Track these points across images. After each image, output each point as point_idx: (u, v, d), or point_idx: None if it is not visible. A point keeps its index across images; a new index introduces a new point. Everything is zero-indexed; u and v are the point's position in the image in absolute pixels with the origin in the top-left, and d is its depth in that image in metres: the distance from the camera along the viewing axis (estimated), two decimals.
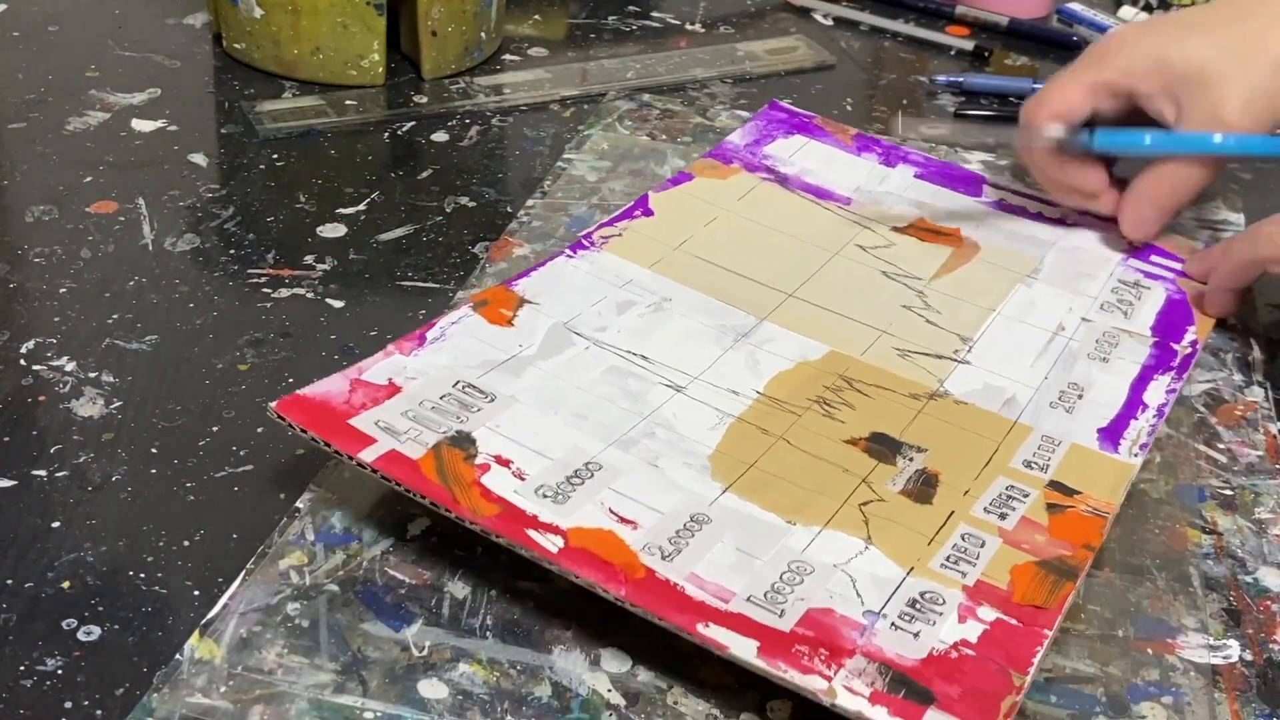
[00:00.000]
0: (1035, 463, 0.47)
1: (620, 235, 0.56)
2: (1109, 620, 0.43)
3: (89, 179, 0.62)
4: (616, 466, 0.44)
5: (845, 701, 0.37)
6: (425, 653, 0.40)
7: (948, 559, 0.43)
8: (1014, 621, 0.41)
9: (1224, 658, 0.42)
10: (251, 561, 0.42)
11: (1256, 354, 0.56)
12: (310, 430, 0.43)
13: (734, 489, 0.45)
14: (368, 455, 0.42)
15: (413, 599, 0.42)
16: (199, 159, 0.64)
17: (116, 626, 0.40)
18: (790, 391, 0.49)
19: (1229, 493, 0.49)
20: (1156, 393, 0.52)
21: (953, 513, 0.45)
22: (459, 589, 0.42)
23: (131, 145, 0.65)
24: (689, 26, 0.83)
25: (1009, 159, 0.68)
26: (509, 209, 0.62)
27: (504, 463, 0.43)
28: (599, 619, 0.41)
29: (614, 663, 0.40)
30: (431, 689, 0.39)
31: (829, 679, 0.38)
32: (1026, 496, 0.46)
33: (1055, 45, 0.85)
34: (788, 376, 0.50)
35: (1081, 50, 0.83)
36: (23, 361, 0.50)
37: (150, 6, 0.79)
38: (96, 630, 0.40)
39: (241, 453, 0.47)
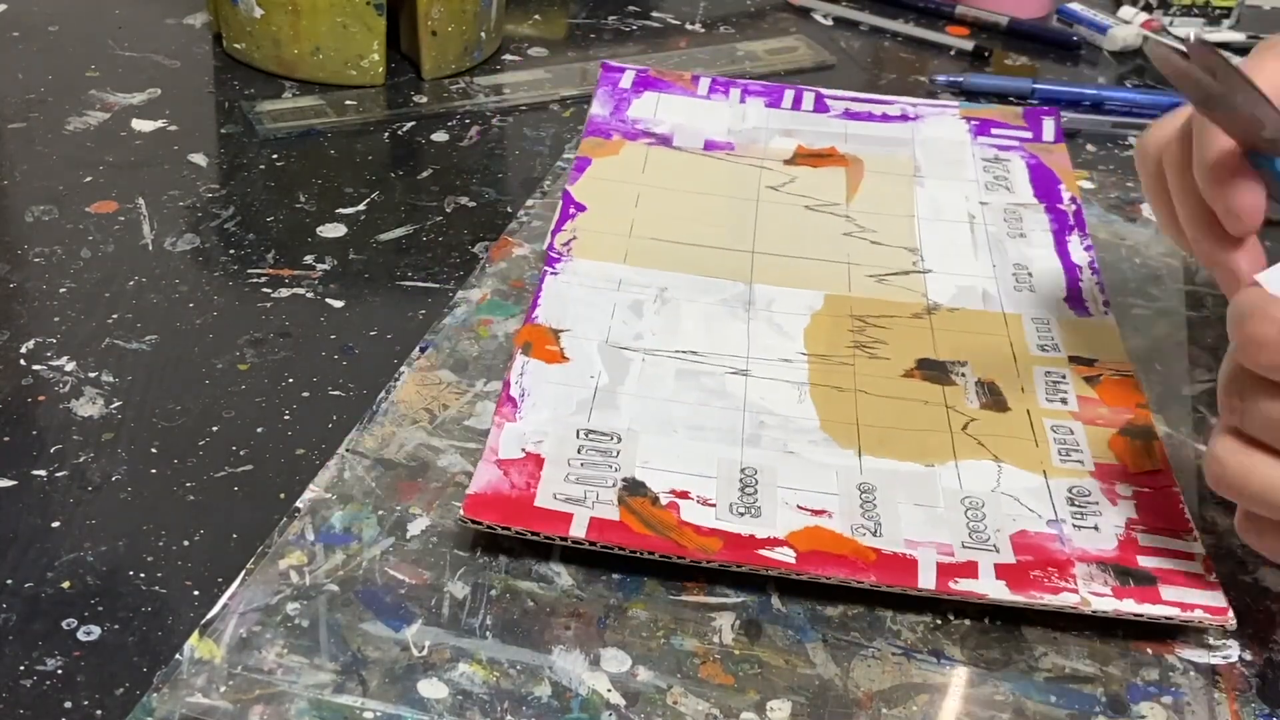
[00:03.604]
0: (1046, 345, 0.54)
1: (576, 238, 0.58)
2: (1109, 620, 0.43)
3: (89, 179, 0.62)
4: (767, 465, 0.47)
5: (1101, 605, 0.42)
6: (425, 652, 0.40)
7: (1060, 453, 0.48)
8: (1147, 490, 0.46)
9: (1224, 658, 0.42)
10: (251, 561, 0.42)
11: None
12: (512, 526, 0.43)
13: (865, 451, 0.48)
14: (577, 530, 0.43)
15: (413, 599, 0.42)
16: (199, 159, 0.64)
17: (116, 626, 0.40)
18: (827, 344, 0.53)
19: None
20: (1078, 253, 0.59)
21: (1029, 410, 0.50)
22: (459, 589, 0.42)
23: (131, 145, 0.65)
24: (689, 26, 0.83)
25: None
26: (509, 209, 0.62)
27: (683, 495, 0.45)
28: (598, 618, 0.41)
29: (614, 663, 0.40)
30: (431, 689, 0.39)
31: (1075, 591, 0.42)
32: (1065, 377, 0.52)
33: (1055, 45, 0.85)
34: (813, 331, 0.54)
35: (1080, 51, 0.84)
36: (23, 361, 0.50)
37: (150, 6, 0.79)
38: (96, 630, 0.40)
39: (241, 453, 0.47)
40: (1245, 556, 0.46)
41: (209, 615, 0.40)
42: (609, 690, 0.39)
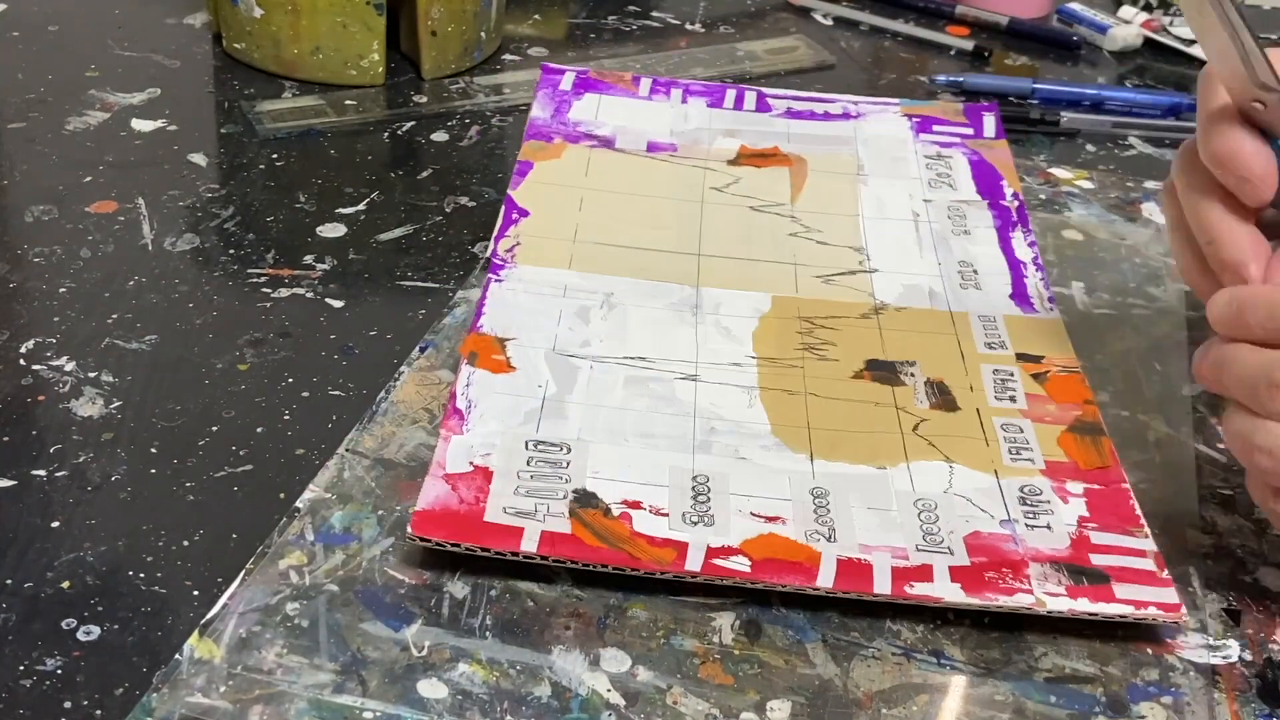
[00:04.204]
0: (993, 342, 0.54)
1: (520, 244, 0.57)
2: (1109, 620, 0.43)
3: (89, 179, 0.62)
4: (719, 472, 0.46)
5: (1056, 605, 0.42)
6: (425, 652, 0.40)
7: (1010, 452, 0.48)
8: (1097, 486, 0.47)
9: (1224, 658, 0.42)
10: (251, 561, 0.42)
11: None
12: (462, 542, 0.42)
13: (817, 455, 0.47)
14: (528, 545, 0.42)
15: (412, 599, 0.42)
16: (199, 159, 0.64)
17: (116, 626, 0.40)
18: (776, 347, 0.53)
19: (1229, 493, 0.49)
20: (1022, 249, 0.59)
21: (978, 409, 0.50)
22: (459, 589, 0.42)
23: (131, 145, 0.65)
24: (689, 26, 0.83)
25: None
26: None
27: (635, 505, 0.44)
28: (598, 618, 0.41)
29: (613, 663, 0.40)
30: (431, 689, 0.39)
31: (1030, 592, 0.42)
32: (1013, 375, 0.52)
33: (1055, 45, 0.85)
34: (762, 334, 0.53)
35: (1080, 51, 0.84)
36: (22, 361, 0.50)
37: (150, 6, 0.79)
38: (96, 630, 0.40)
39: (241, 453, 0.47)
40: (1245, 556, 0.46)
41: (209, 615, 0.40)
42: (609, 690, 0.39)
